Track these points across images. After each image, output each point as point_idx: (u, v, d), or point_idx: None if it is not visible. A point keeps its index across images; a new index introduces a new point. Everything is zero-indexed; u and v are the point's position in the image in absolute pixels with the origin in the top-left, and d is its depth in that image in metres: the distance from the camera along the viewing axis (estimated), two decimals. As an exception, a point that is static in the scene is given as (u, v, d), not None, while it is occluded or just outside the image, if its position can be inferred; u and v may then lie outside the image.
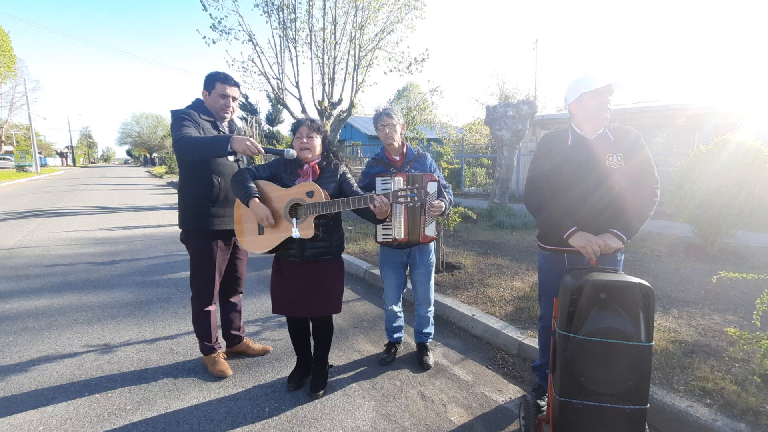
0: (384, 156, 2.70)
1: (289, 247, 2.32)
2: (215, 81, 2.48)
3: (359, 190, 2.40)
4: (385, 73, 10.41)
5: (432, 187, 2.53)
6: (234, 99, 2.56)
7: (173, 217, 9.50)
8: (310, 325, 2.57)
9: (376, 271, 4.53)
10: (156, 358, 2.90)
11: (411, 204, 2.09)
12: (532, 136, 13.03)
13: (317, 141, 2.33)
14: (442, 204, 2.52)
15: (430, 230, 2.59)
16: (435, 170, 2.70)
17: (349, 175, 2.42)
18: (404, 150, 2.70)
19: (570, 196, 2.05)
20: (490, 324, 3.22)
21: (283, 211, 2.24)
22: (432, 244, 2.77)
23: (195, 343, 3.10)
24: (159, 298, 4.08)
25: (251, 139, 2.21)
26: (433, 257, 2.79)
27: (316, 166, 2.34)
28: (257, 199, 2.22)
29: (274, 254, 2.38)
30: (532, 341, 2.89)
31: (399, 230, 2.53)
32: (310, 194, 2.20)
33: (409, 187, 2.12)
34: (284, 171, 2.35)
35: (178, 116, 2.41)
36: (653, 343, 1.72)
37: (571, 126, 2.13)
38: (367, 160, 3.02)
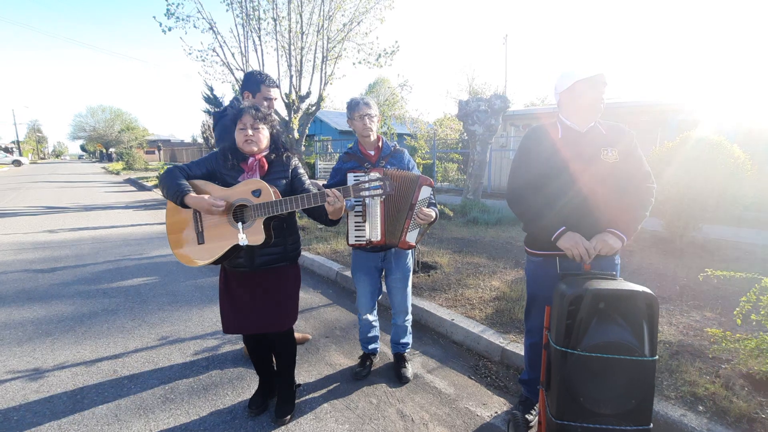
0: (358, 150, 2.43)
1: (237, 256, 2.01)
2: (260, 84, 2.52)
3: (311, 187, 2.10)
4: (354, 64, 10.10)
5: (426, 192, 2.27)
6: (275, 99, 2.61)
7: (128, 216, 8.84)
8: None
9: (349, 273, 4.27)
10: (95, 383, 2.52)
11: (376, 197, 1.84)
12: (503, 131, 13.05)
13: (264, 132, 2.01)
14: (432, 213, 2.28)
15: (412, 237, 2.30)
16: (413, 168, 2.46)
17: (301, 170, 2.12)
18: (380, 144, 2.44)
19: (563, 190, 1.86)
20: (470, 329, 3.03)
21: (227, 215, 1.92)
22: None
23: (143, 362, 2.74)
24: (105, 309, 3.65)
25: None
26: (410, 261, 2.56)
27: (264, 160, 2.02)
28: (192, 194, 1.88)
29: (219, 264, 2.06)
30: (515, 347, 2.73)
31: (375, 231, 2.25)
32: (256, 193, 1.87)
33: (371, 177, 1.86)
34: (224, 167, 2.01)
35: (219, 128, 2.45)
36: (657, 357, 1.57)
37: (560, 119, 1.95)
38: (339, 154, 2.76)
